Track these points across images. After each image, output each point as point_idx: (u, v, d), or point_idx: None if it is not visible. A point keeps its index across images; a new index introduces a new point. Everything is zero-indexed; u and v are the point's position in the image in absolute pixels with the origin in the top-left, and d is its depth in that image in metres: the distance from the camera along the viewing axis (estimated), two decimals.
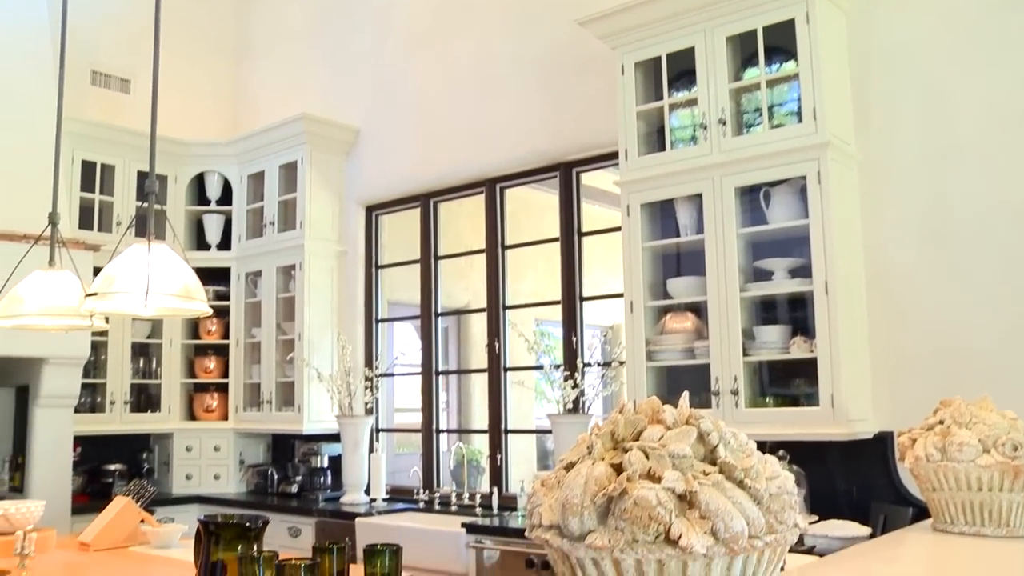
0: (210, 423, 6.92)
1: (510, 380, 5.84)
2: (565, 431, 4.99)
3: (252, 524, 1.81)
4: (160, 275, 3.20)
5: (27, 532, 3.98)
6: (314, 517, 5.83)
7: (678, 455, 1.53)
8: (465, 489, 5.74)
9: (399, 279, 6.77)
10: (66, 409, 5.97)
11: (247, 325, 6.91)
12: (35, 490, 5.66)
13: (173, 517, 5.73)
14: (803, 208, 4.16)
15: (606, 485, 1.51)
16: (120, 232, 6.22)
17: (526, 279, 6.50)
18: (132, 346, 6.75)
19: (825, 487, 4.24)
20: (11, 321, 4.06)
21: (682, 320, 4.56)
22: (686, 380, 4.30)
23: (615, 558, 1.49)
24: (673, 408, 1.66)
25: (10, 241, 5.13)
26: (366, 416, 6.19)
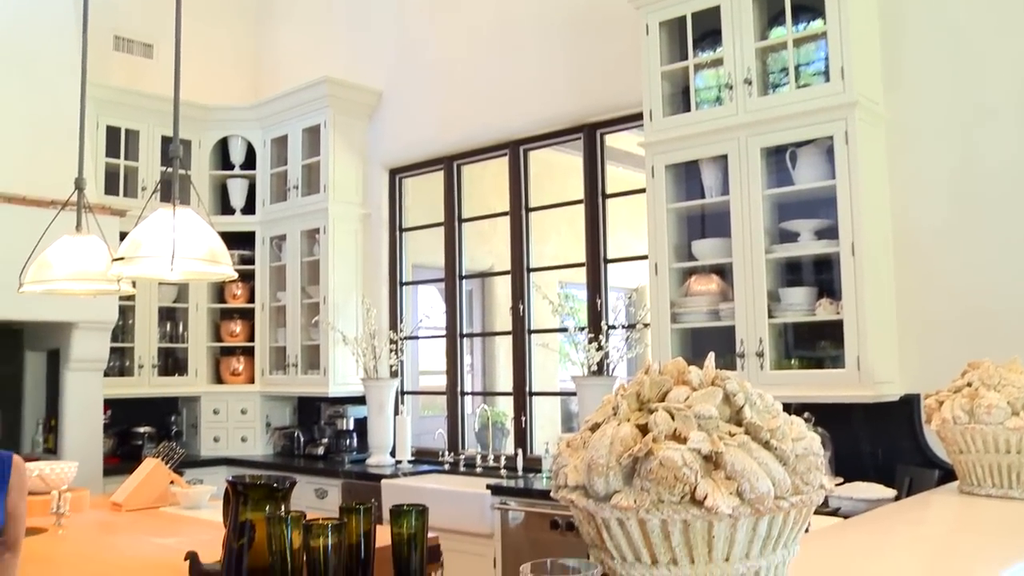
0: (236, 386, 6.99)
1: (534, 342, 5.85)
2: (589, 393, 5.00)
3: (280, 485, 1.83)
4: (186, 239, 3.22)
5: (62, 492, 4.06)
6: (340, 479, 5.89)
7: (704, 416, 1.53)
8: (490, 451, 5.77)
9: (423, 242, 6.78)
10: (96, 373, 6.05)
11: (272, 289, 6.95)
12: (68, 451, 5.75)
13: (202, 479, 5.81)
14: (830, 169, 4.11)
15: (632, 446, 1.52)
16: (145, 197, 6.25)
17: (550, 241, 6.48)
18: (159, 310, 6.81)
19: (850, 449, 4.23)
20: (41, 286, 4.11)
21: (707, 282, 4.54)
22: (711, 342, 4.29)
23: (640, 518, 1.50)
24: (699, 369, 1.65)
25: (38, 207, 5.18)
26: (391, 379, 6.22)
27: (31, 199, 5.39)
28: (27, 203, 5.39)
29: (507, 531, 4.84)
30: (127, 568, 3.23)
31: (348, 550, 1.74)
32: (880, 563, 2.13)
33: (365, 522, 1.79)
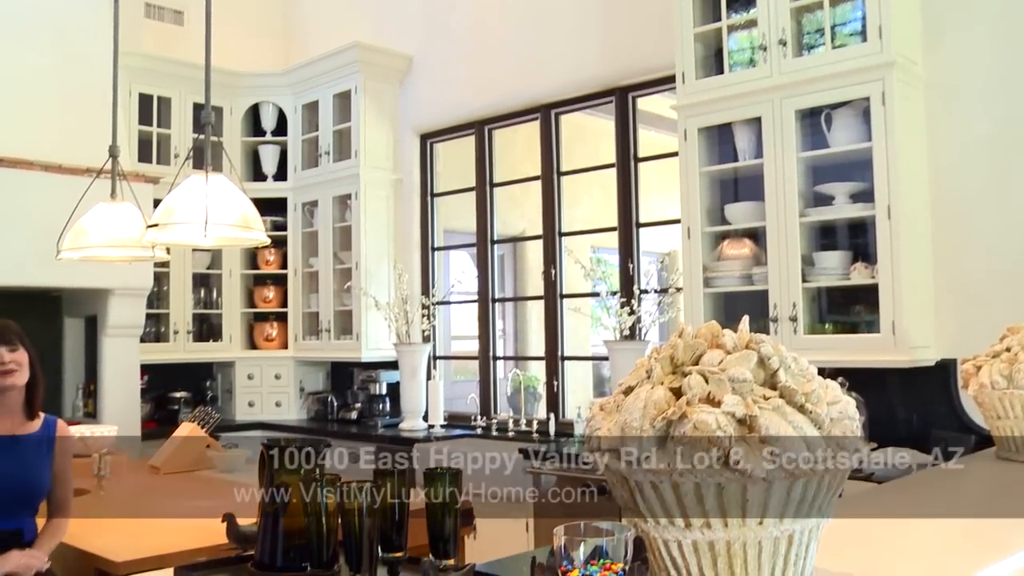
0: (270, 352, 7.06)
1: (566, 307, 5.85)
2: (621, 358, 5.00)
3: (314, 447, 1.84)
4: (218, 205, 3.24)
5: (103, 455, 4.14)
6: (373, 443, 5.95)
7: (738, 379, 1.52)
8: (522, 415, 5.80)
9: (454, 207, 6.77)
10: (132, 338, 6.13)
11: (304, 255, 6.98)
12: (107, 416, 5.85)
13: (237, 443, 5.88)
14: (866, 131, 4.05)
15: (665, 409, 1.51)
16: (178, 164, 6.28)
17: (582, 206, 6.45)
18: (193, 277, 6.88)
19: (884, 415, 4.20)
20: (77, 253, 4.16)
21: (739, 246, 4.51)
22: (743, 306, 4.26)
23: (674, 482, 1.50)
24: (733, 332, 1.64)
25: (73, 175, 5.22)
26: (423, 343, 6.25)
27: (67, 167, 5.44)
28: (63, 171, 5.44)
29: (540, 495, 4.87)
30: (166, 529, 3.29)
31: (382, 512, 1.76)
32: (915, 529, 2.12)
33: (399, 484, 1.81)
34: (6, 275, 5.36)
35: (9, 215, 5.34)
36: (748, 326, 1.71)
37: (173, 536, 3.14)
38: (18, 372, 3.04)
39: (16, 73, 5.59)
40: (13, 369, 3.02)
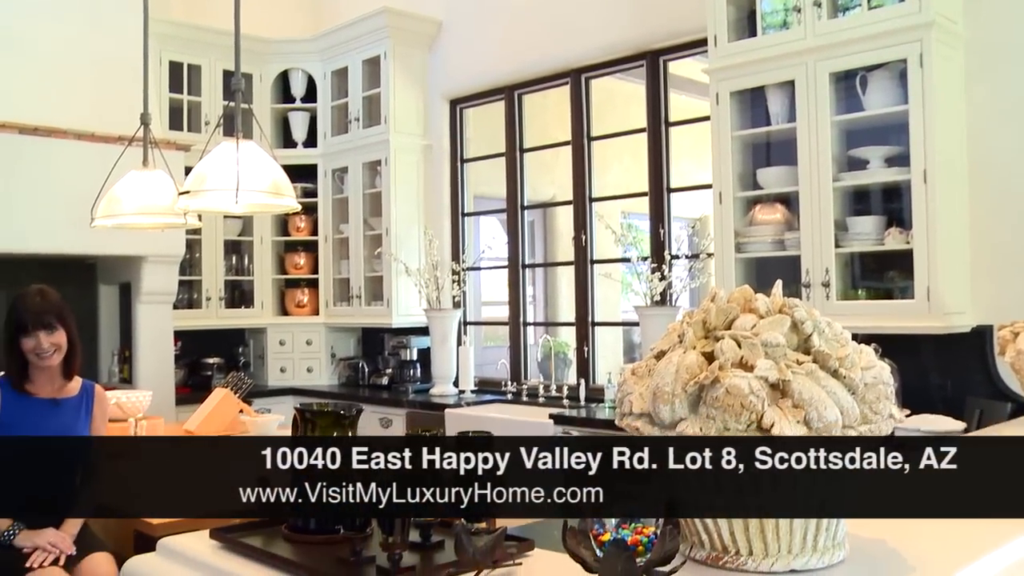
0: (302, 318, 7.11)
1: (597, 273, 5.84)
2: (652, 323, 4.99)
3: (346, 412, 1.86)
4: (249, 172, 3.25)
5: (138, 419, 4.21)
6: (404, 408, 5.99)
7: (771, 344, 1.52)
8: (552, 381, 5.81)
9: (484, 173, 6.76)
10: (165, 305, 6.20)
11: (335, 221, 7.01)
12: (141, 381, 5.93)
13: (269, 408, 5.94)
14: (902, 93, 3.98)
15: (698, 373, 1.51)
16: (209, 131, 6.30)
17: (612, 171, 6.41)
18: (224, 244, 6.92)
19: (918, 382, 4.16)
20: (111, 221, 4.20)
21: (771, 211, 4.47)
22: (775, 272, 4.23)
23: None
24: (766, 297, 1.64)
25: (105, 143, 5.26)
26: (454, 309, 6.27)
27: (99, 136, 5.48)
28: (95, 140, 5.49)
29: None
30: None
31: None
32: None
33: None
34: (42, 243, 5.44)
35: (44, 184, 5.40)
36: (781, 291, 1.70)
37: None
38: (56, 353, 3.14)
39: (48, 43, 5.62)
40: (50, 352, 3.12)
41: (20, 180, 5.35)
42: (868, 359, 1.61)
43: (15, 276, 5.78)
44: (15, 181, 5.33)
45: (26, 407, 3.12)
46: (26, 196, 5.36)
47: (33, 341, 3.09)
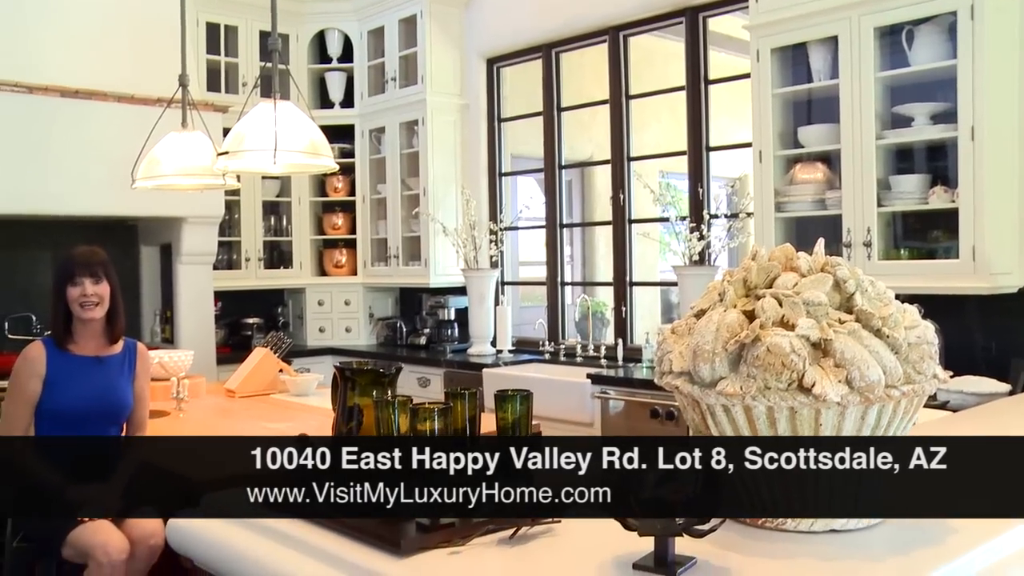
0: (340, 278, 7.15)
1: (635, 232, 5.81)
2: (690, 283, 4.96)
3: (386, 371, 1.87)
4: (287, 132, 3.26)
5: (180, 378, 4.27)
6: (442, 368, 6.03)
7: (813, 302, 1.50)
8: (590, 341, 5.81)
9: (522, 132, 6.72)
10: (205, 266, 6.26)
11: (372, 181, 7.02)
12: (183, 341, 6.01)
13: (309, 367, 6.01)
14: (951, 48, 3.89)
15: (738, 332, 1.50)
16: (246, 93, 6.31)
17: (650, 130, 6.36)
18: (263, 204, 6.97)
19: (962, 343, 4.10)
20: (151, 182, 4.24)
21: (812, 170, 4.41)
22: (815, 231, 4.18)
23: (746, 405, 1.49)
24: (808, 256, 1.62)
25: (144, 105, 5.29)
26: (491, 269, 6.28)
27: (139, 97, 5.51)
28: (135, 102, 5.52)
29: (607, 420, 4.91)
30: None
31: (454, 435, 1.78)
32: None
33: (470, 407, 1.82)
34: (85, 205, 5.51)
35: (85, 146, 5.45)
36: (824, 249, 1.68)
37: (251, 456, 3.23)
38: (99, 306, 3.20)
39: (87, 6, 5.64)
40: (95, 303, 3.17)
41: (62, 143, 5.41)
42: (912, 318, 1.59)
43: (58, 238, 5.88)
44: (57, 144, 5.39)
45: (71, 365, 3.19)
46: (68, 158, 5.41)
47: (79, 289, 3.16)
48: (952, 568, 1.44)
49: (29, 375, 3.14)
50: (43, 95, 5.36)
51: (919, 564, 1.44)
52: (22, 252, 6.00)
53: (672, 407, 4.48)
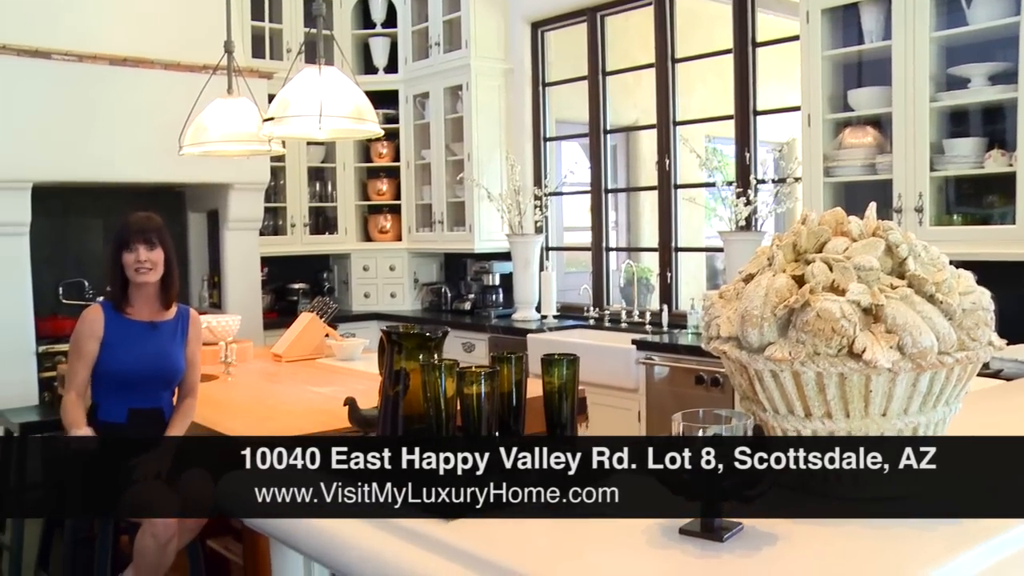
0: (385, 243, 7.19)
1: (680, 197, 5.76)
2: (736, 249, 4.92)
3: (432, 334, 1.88)
4: (332, 98, 3.27)
5: (228, 343, 4.33)
6: (487, 333, 6.05)
7: (864, 267, 1.48)
8: (635, 307, 5.79)
9: (566, 97, 6.67)
10: (252, 232, 6.33)
11: (417, 147, 7.02)
12: (230, 306, 6.09)
13: (354, 332, 6.06)
14: (1013, 4, 3.78)
15: (787, 297, 1.49)
16: (291, 59, 6.33)
17: (696, 94, 6.28)
18: (308, 170, 7.01)
19: (1017, 311, 4.01)
20: (198, 148, 4.28)
21: (862, 134, 4.33)
22: (865, 197, 4.07)
23: (795, 370, 1.48)
24: (859, 220, 1.59)
25: (191, 72, 5.33)
26: (536, 235, 6.27)
27: (185, 65, 5.55)
28: (181, 69, 5.57)
29: (652, 386, 4.90)
30: (290, 413, 3.44)
31: (500, 398, 1.79)
32: None
33: (517, 371, 1.83)
34: (134, 172, 5.58)
35: (134, 113, 5.51)
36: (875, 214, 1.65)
37: (297, 419, 3.28)
38: (152, 271, 3.27)
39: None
40: (148, 268, 3.24)
41: (111, 111, 5.48)
42: (967, 284, 1.56)
43: (108, 205, 5.98)
44: (107, 112, 5.46)
45: (127, 329, 3.27)
46: (117, 126, 5.48)
47: (133, 255, 3.23)
48: (1008, 538, 1.42)
49: (87, 336, 3.24)
50: (92, 63, 5.43)
51: (971, 532, 1.43)
52: (74, 219, 6.10)
53: (717, 373, 4.46)
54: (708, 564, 1.39)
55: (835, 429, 1.50)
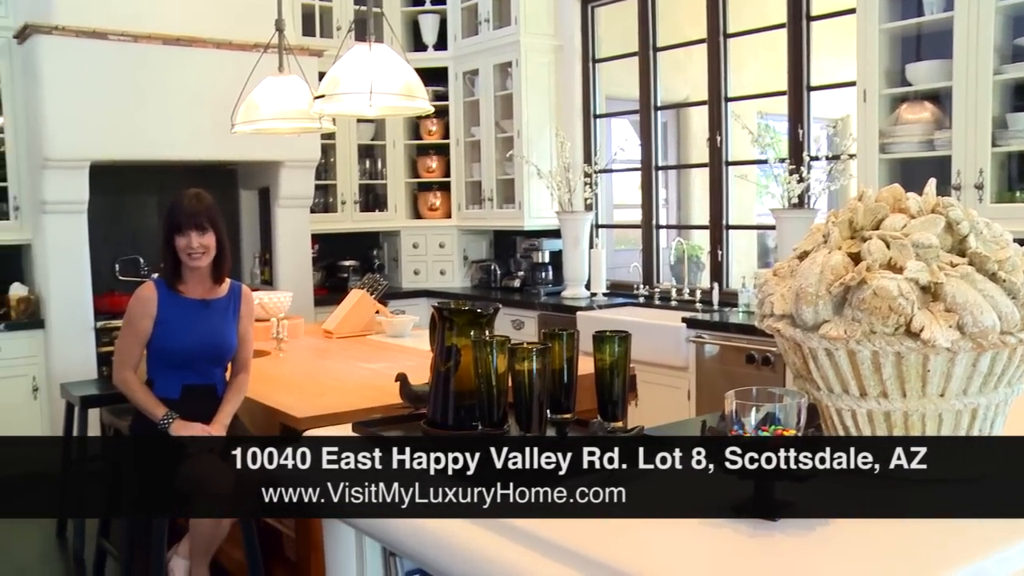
0: (434, 221, 7.21)
1: (731, 175, 5.70)
2: (788, 227, 4.86)
3: (484, 311, 1.88)
4: (382, 75, 3.28)
5: (280, 319, 4.37)
6: (536, 310, 6.05)
7: (923, 244, 1.45)
8: (685, 285, 5.76)
9: (617, 73, 6.62)
10: (302, 209, 6.39)
11: (466, 124, 7.02)
12: (281, 283, 6.16)
13: (404, 309, 6.10)
14: None
15: (843, 274, 1.47)
16: (341, 36, 6.35)
17: (748, 69, 6.19)
18: (358, 148, 7.05)
19: None
20: (250, 126, 4.33)
21: (920, 109, 4.25)
22: (922, 173, 3.97)
23: (850, 349, 1.46)
24: (918, 196, 1.56)
25: (242, 51, 5.37)
26: (586, 212, 6.25)
27: (236, 43, 5.60)
28: (233, 47, 5.61)
29: (702, 364, 4.87)
30: (341, 389, 3.47)
31: (552, 375, 1.79)
32: None
33: (568, 348, 1.83)
34: (187, 150, 5.65)
35: (187, 92, 5.58)
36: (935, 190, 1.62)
37: (348, 395, 3.32)
38: (204, 255, 3.30)
39: None
40: (201, 253, 3.28)
41: (164, 90, 5.54)
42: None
43: (162, 182, 6.07)
44: (160, 91, 5.53)
45: (180, 307, 3.30)
46: (170, 105, 5.55)
47: (185, 240, 3.25)
48: None
49: (141, 314, 3.28)
50: (146, 43, 5.50)
51: None
52: (130, 196, 6.21)
53: (768, 352, 4.41)
54: (760, 543, 1.38)
55: (891, 409, 1.48)
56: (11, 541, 4.48)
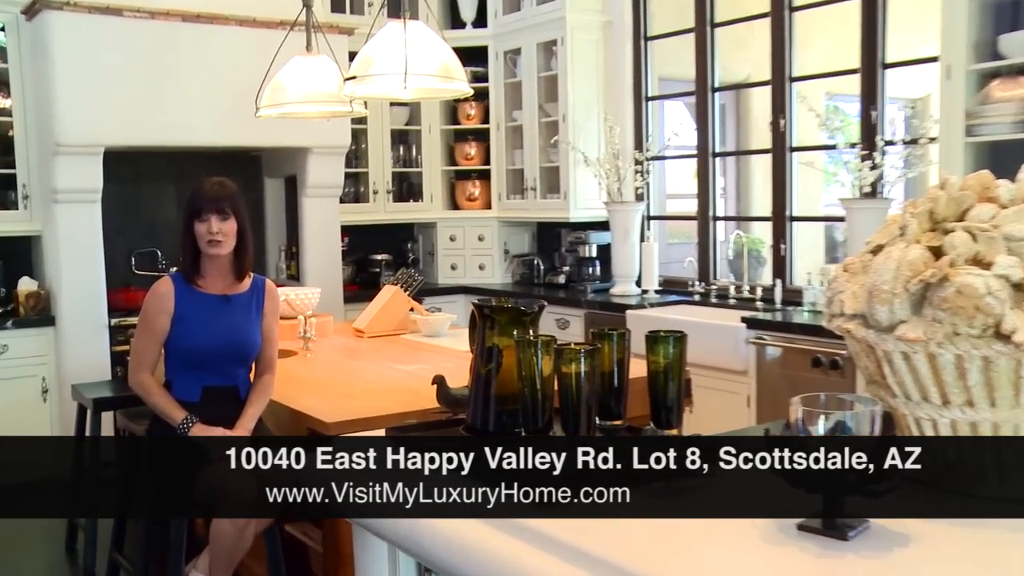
0: (473, 212, 7.22)
1: (796, 161, 5.65)
2: (860, 218, 4.81)
3: (528, 309, 1.88)
4: (418, 55, 3.29)
5: (308, 317, 4.41)
6: (583, 309, 6.04)
7: (1015, 237, 1.42)
8: (744, 281, 5.72)
9: (671, 52, 6.59)
10: (331, 199, 6.43)
11: (507, 108, 7.02)
12: (309, 278, 6.20)
13: (440, 307, 6.12)
14: None
15: (922, 270, 1.44)
16: (373, 13, 6.38)
17: (816, 46, 6.14)
18: (391, 133, 7.08)
19: None
20: (276, 110, 4.36)
21: (1014, 86, 4.16)
22: (1015, 158, 3.94)
23: (930, 352, 1.44)
24: (1010, 183, 1.54)
25: (267, 29, 5.42)
26: (636, 202, 6.23)
27: (261, 20, 5.65)
28: (257, 25, 5.66)
29: (763, 368, 4.83)
30: (372, 392, 3.49)
31: (601, 379, 1.78)
32: None
33: (619, 349, 1.82)
34: (208, 136, 5.71)
35: (207, 73, 5.62)
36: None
37: (380, 398, 3.33)
38: (224, 243, 3.32)
39: None
40: (220, 240, 3.30)
41: (183, 71, 5.59)
42: None
43: (182, 169, 6.14)
44: (179, 72, 5.57)
45: (199, 303, 3.33)
46: (190, 87, 5.60)
47: (205, 226, 3.28)
48: None
49: (158, 311, 3.30)
50: (164, 20, 5.55)
51: None
52: (147, 185, 6.28)
53: (837, 355, 4.37)
54: (830, 564, 1.36)
55: (978, 419, 1.45)
56: (19, 555, 4.57)
